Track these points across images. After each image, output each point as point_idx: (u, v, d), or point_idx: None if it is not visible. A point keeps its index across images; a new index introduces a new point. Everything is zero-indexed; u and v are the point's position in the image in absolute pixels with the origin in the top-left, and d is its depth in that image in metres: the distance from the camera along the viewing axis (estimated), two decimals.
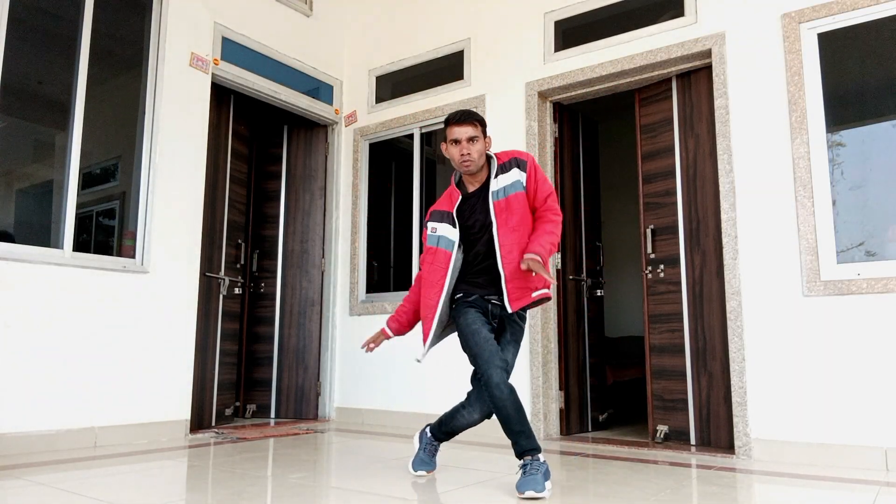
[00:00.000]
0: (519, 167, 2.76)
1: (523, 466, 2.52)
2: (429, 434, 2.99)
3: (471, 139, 2.71)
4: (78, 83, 3.83)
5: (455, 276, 2.81)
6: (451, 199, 2.84)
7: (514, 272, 2.67)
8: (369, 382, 5.07)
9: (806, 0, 3.58)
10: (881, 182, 3.36)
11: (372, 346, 2.95)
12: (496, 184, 2.74)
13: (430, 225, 2.86)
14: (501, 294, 2.72)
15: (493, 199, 2.72)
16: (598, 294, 4.90)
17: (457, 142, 2.72)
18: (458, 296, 2.81)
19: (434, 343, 2.82)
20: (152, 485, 2.65)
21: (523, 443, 2.53)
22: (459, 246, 2.80)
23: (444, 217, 2.83)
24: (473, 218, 2.78)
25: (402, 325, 2.97)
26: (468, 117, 2.74)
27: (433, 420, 4.65)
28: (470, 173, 2.78)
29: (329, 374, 5.25)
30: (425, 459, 2.94)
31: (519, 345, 2.82)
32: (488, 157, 2.82)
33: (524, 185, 2.74)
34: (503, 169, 2.76)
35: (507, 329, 2.80)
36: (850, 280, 3.31)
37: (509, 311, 2.69)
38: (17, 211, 3.68)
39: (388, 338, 2.97)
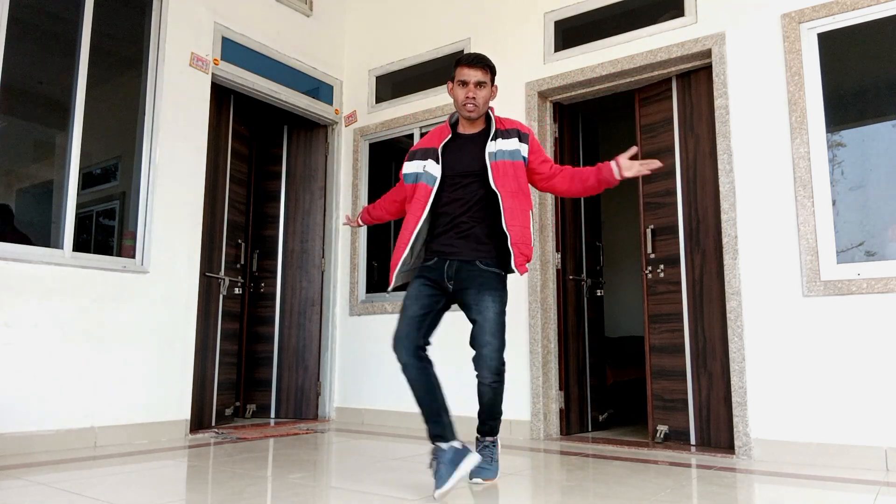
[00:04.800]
0: (520, 139, 2.73)
1: (434, 452, 2.54)
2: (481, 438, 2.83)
3: (479, 84, 2.68)
4: (78, 83, 3.83)
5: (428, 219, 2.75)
6: (440, 137, 2.78)
7: (518, 237, 2.66)
8: (370, 382, 5.07)
9: (806, 0, 3.58)
10: (881, 182, 3.36)
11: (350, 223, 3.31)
12: (494, 145, 2.69)
13: (414, 163, 2.79)
14: (487, 252, 2.70)
15: (491, 159, 2.68)
16: (598, 294, 4.90)
17: (464, 84, 2.68)
18: (424, 260, 2.76)
19: (399, 279, 2.78)
20: (152, 485, 2.64)
21: (431, 428, 2.58)
22: (440, 185, 2.72)
23: (429, 153, 2.76)
24: (460, 159, 2.71)
25: (371, 219, 3.22)
26: (480, 61, 2.71)
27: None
28: (470, 119, 2.74)
29: (329, 374, 5.25)
30: (485, 466, 2.75)
31: (503, 319, 2.69)
32: (490, 115, 2.78)
33: (525, 157, 2.73)
34: (504, 134, 2.72)
35: (490, 310, 2.66)
36: (850, 280, 3.31)
37: (518, 274, 2.71)
38: (18, 211, 3.68)
39: (360, 226, 3.31)
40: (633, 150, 2.63)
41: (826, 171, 3.48)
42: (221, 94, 4.80)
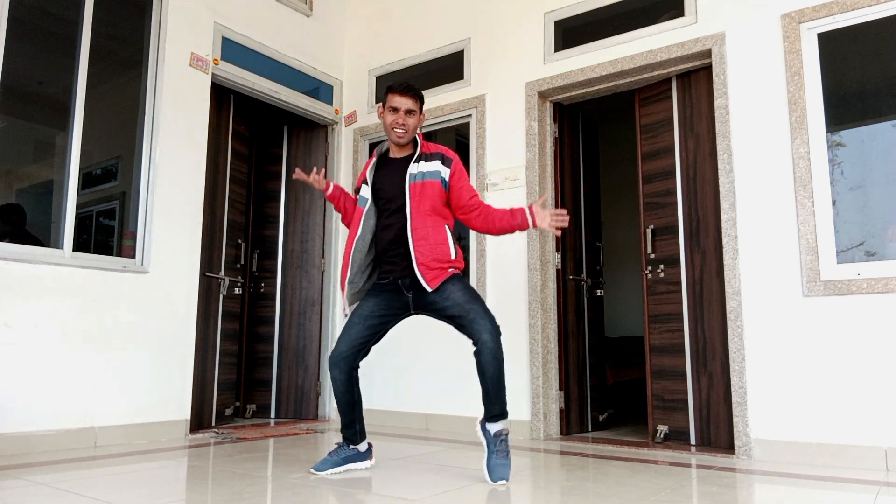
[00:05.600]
0: (443, 162, 2.89)
1: (338, 445, 2.99)
2: (487, 428, 2.84)
3: (409, 111, 2.87)
4: (78, 83, 3.82)
5: (372, 244, 2.93)
6: (368, 165, 2.99)
7: (425, 253, 2.78)
8: (369, 382, 5.06)
9: (806, 0, 3.58)
10: (881, 182, 3.36)
11: (304, 177, 3.02)
12: (416, 167, 2.86)
13: (360, 194, 2.98)
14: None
15: (410, 180, 2.84)
16: (598, 294, 4.90)
17: (395, 110, 2.87)
18: (376, 279, 2.95)
19: (352, 299, 2.94)
20: (152, 485, 2.64)
21: (343, 431, 2.96)
22: (373, 208, 2.90)
23: (364, 181, 2.98)
24: (389, 185, 2.89)
25: (335, 197, 3.09)
26: (411, 91, 2.90)
27: (432, 420, 4.66)
28: (399, 143, 2.91)
29: (329, 375, 5.24)
30: (504, 462, 2.76)
31: (471, 289, 2.85)
32: (415, 140, 2.96)
33: (445, 180, 2.88)
34: (427, 157, 2.89)
35: (453, 290, 2.80)
36: (850, 280, 3.31)
37: (428, 290, 2.79)
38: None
39: (324, 190, 3.05)
40: (545, 197, 2.98)
41: (826, 170, 3.48)
42: (221, 94, 4.80)
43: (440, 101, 5.00)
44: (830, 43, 3.54)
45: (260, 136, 5.66)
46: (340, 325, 5.31)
